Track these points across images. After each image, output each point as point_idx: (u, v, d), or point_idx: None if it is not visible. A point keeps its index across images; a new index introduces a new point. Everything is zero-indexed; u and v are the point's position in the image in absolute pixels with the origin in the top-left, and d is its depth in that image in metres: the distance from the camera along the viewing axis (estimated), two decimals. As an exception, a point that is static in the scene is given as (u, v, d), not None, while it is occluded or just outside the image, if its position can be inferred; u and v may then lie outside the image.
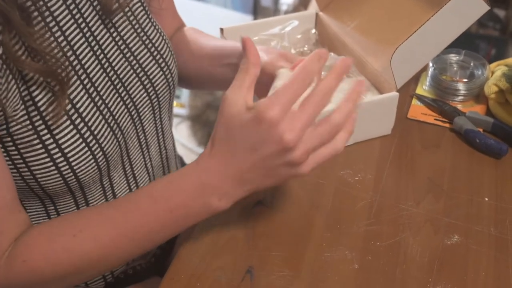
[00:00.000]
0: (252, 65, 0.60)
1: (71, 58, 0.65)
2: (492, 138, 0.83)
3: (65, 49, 0.64)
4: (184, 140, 2.09)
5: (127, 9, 0.73)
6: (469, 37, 0.85)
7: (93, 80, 0.67)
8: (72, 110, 0.64)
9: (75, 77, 0.65)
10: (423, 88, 0.94)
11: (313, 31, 1.00)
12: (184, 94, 2.13)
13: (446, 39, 0.81)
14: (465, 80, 0.91)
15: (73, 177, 0.65)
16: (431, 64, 0.93)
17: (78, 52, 0.66)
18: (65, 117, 0.63)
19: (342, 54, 0.93)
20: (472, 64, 0.93)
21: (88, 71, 0.67)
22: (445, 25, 0.79)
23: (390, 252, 0.69)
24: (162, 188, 0.62)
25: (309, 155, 0.58)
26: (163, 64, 0.76)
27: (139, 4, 0.76)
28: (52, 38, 0.63)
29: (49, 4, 0.63)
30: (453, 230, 0.72)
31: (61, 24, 0.65)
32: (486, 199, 0.76)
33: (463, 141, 0.85)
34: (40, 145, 0.62)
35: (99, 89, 0.67)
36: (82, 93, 0.65)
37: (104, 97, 0.68)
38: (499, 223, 0.72)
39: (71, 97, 0.64)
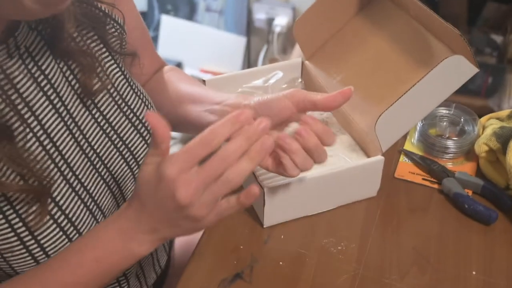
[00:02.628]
0: (159, 142, 0.57)
1: (54, 155, 0.63)
2: (482, 203, 0.80)
3: (51, 151, 0.62)
4: (176, 163, 2.07)
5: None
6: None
7: (73, 167, 0.65)
8: (54, 207, 0.62)
9: (58, 173, 0.63)
10: (412, 142, 0.91)
11: (299, 80, 0.97)
12: (177, 116, 2.11)
13: (433, 102, 0.78)
14: (455, 138, 0.88)
15: None
16: (420, 119, 0.90)
17: (58, 143, 0.64)
18: (47, 217, 0.61)
19: (328, 107, 0.90)
20: (462, 119, 0.90)
21: (68, 160, 0.65)
22: (432, 88, 0.76)
23: (372, 336, 0.66)
24: (88, 239, 0.62)
25: (210, 209, 0.57)
26: (145, 133, 0.74)
27: (120, 73, 0.73)
28: (36, 143, 0.61)
29: (31, 104, 0.62)
30: (438, 310, 0.69)
31: (43, 122, 0.63)
32: (474, 273, 0.73)
33: (451, 204, 0.82)
34: (18, 242, 0.60)
35: (78, 174, 0.66)
36: (62, 186, 0.63)
37: (83, 181, 0.66)
38: (486, 302, 0.70)
39: (54, 195, 0.62)
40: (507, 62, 1.72)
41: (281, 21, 2.07)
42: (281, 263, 0.74)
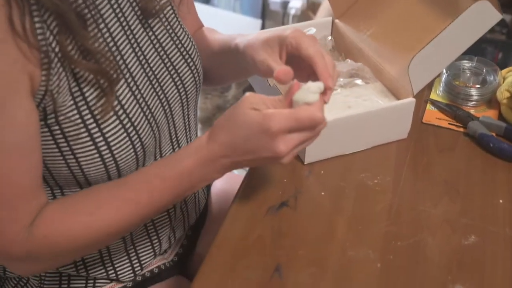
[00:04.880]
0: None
1: (118, 58, 0.71)
2: (506, 142, 0.86)
3: (113, 49, 0.71)
4: (194, 142, 2.12)
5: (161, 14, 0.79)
6: (476, 41, 0.88)
7: (134, 76, 0.73)
8: (117, 105, 0.70)
9: (121, 76, 0.71)
10: (437, 93, 0.98)
11: (329, 37, 1.03)
12: (194, 96, 2.16)
13: (461, 47, 0.84)
14: (478, 86, 0.95)
15: (114, 165, 0.71)
16: (444, 70, 0.97)
17: (122, 51, 0.72)
18: (111, 112, 0.69)
19: (358, 60, 0.96)
20: (484, 70, 0.97)
21: (130, 68, 0.73)
22: (459, 34, 0.82)
23: (410, 251, 0.72)
24: (171, 169, 0.70)
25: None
26: (191, 63, 0.82)
27: (171, 8, 0.81)
28: (102, 40, 0.69)
29: (99, 7, 0.70)
30: (470, 231, 0.75)
31: (109, 26, 0.71)
32: (501, 201, 0.79)
33: (476, 145, 0.88)
34: (87, 134, 0.68)
35: (138, 84, 0.73)
36: (125, 89, 0.71)
37: (142, 92, 0.74)
38: (513, 224, 0.76)
39: (117, 93, 0.70)
40: (516, 39, 1.78)
41: (296, 3, 2.13)
42: (322, 193, 0.81)
